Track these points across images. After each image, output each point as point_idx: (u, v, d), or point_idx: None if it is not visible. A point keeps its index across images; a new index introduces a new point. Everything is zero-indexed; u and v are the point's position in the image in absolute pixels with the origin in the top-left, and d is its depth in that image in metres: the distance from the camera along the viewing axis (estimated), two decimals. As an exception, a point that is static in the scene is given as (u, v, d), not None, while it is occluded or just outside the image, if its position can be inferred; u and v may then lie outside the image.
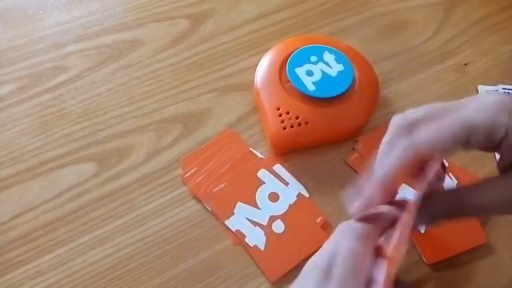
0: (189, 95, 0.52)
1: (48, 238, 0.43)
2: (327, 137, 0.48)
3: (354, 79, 0.49)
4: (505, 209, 0.32)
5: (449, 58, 0.57)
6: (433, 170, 0.32)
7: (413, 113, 0.32)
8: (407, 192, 0.36)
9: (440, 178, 0.34)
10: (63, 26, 0.56)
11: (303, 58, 0.49)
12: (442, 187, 0.35)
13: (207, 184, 0.46)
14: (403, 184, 0.41)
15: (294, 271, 0.41)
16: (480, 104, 0.31)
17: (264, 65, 0.50)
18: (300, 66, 0.49)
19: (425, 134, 0.31)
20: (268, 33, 0.57)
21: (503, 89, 0.54)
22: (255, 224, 0.44)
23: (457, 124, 0.30)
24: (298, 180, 0.46)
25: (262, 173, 0.46)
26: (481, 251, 0.44)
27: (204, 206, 0.45)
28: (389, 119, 0.33)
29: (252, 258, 0.42)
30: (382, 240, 0.33)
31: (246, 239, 0.43)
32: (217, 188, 0.45)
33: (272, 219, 0.44)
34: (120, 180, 0.46)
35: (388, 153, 0.32)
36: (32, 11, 0.57)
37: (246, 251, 0.43)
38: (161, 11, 0.58)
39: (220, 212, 0.44)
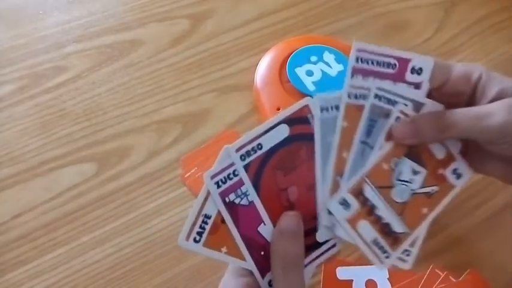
0: (189, 95, 0.52)
1: (48, 238, 0.43)
2: (327, 137, 0.48)
3: (354, 79, 0.49)
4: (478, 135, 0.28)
5: (450, 58, 0.57)
6: None
7: None
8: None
9: None
10: (63, 26, 0.56)
11: (303, 58, 0.49)
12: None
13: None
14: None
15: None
16: None
17: (264, 65, 0.50)
18: (300, 66, 0.49)
19: None
20: (268, 33, 0.57)
21: (504, 89, 0.54)
22: None
23: None
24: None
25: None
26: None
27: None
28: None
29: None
30: None
31: None
32: None
33: None
34: (120, 180, 0.46)
35: None
36: (32, 11, 0.57)
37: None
38: (161, 11, 0.58)
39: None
